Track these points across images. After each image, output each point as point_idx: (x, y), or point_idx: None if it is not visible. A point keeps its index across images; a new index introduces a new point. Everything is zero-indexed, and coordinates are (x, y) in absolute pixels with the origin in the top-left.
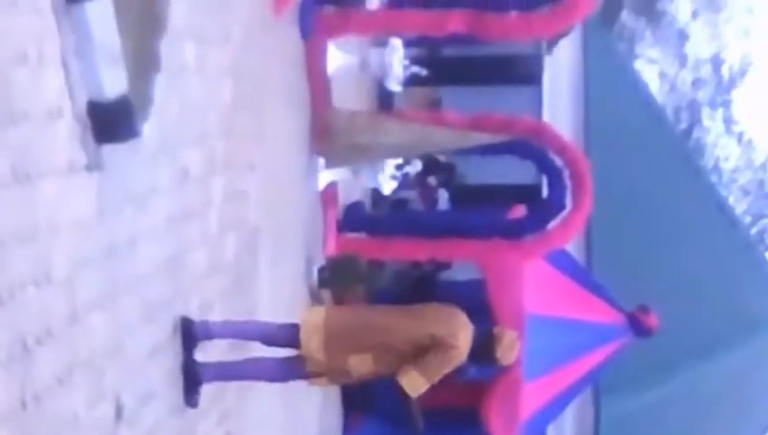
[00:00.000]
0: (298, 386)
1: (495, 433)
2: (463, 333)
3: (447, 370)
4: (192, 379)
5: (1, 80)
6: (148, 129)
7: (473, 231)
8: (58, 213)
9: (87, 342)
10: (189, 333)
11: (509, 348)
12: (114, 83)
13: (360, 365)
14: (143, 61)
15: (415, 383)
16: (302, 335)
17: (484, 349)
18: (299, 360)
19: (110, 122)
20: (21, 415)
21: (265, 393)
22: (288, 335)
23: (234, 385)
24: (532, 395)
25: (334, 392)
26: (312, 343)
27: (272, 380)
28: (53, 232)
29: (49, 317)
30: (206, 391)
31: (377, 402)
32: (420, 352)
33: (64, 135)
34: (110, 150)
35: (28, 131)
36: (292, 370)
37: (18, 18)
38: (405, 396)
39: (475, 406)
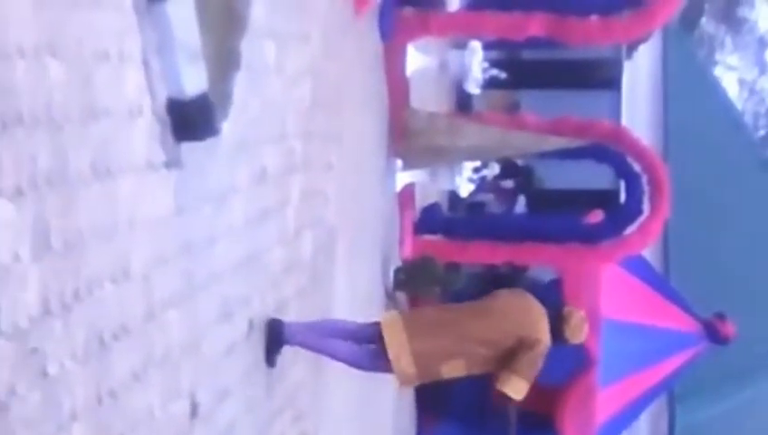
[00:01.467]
0: (373, 386)
1: None
2: (541, 323)
3: (540, 364)
4: (276, 338)
5: (83, 77)
6: (227, 127)
7: (550, 235)
8: (136, 210)
9: (163, 338)
10: (276, 335)
11: (578, 327)
12: (194, 82)
13: (453, 372)
14: (223, 59)
15: (517, 387)
16: (391, 356)
17: (553, 329)
18: (385, 355)
19: (190, 120)
20: (97, 411)
21: (341, 394)
22: (371, 332)
23: (311, 385)
24: (607, 401)
25: (408, 394)
26: (402, 362)
27: (354, 364)
28: (132, 229)
29: (126, 314)
30: (282, 390)
31: (452, 404)
32: (509, 352)
33: (144, 132)
34: (189, 148)
35: (108, 128)
36: (378, 363)
37: (100, 16)
38: (505, 401)
39: (549, 411)
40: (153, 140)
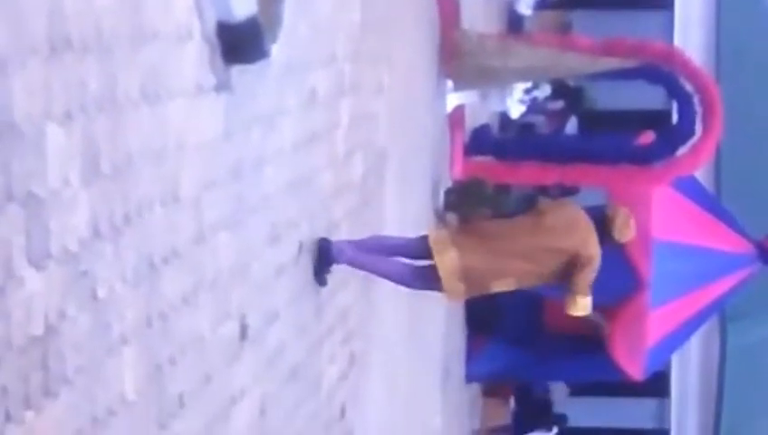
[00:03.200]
0: (423, 307)
1: (620, 359)
2: (591, 237)
3: (594, 275)
4: (325, 257)
5: (132, 2)
6: (276, 50)
7: (601, 156)
8: (186, 133)
9: (213, 262)
10: (325, 253)
11: (625, 225)
12: (244, 4)
13: (504, 287)
14: None
15: (582, 304)
16: (444, 282)
17: (601, 233)
18: (434, 272)
19: (239, 43)
20: (146, 333)
21: (390, 314)
22: (420, 247)
23: (360, 306)
24: (658, 322)
25: (458, 313)
26: (451, 277)
27: (403, 282)
28: (181, 152)
29: (176, 237)
30: (331, 312)
31: (502, 324)
32: (561, 268)
33: (193, 56)
34: (239, 72)
35: (157, 52)
36: (426, 280)
37: None
38: (558, 322)
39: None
40: (202, 64)
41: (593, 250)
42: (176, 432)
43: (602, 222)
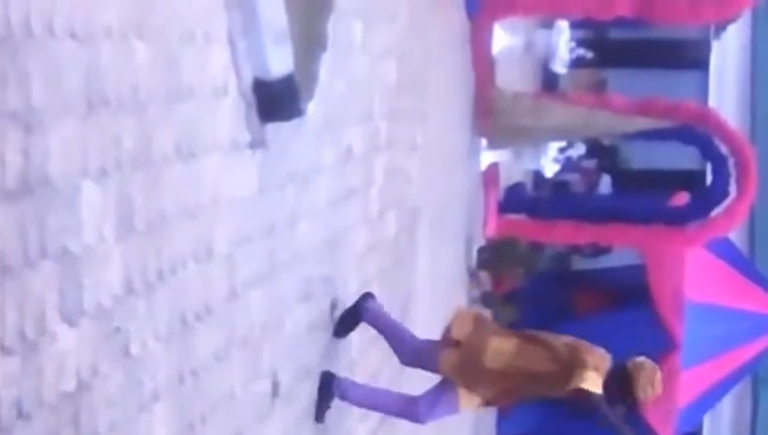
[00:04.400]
0: None
1: (652, 420)
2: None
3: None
4: (326, 391)
5: (169, 58)
6: (312, 107)
7: (634, 216)
8: (220, 190)
9: (245, 318)
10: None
11: (648, 383)
12: (280, 62)
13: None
14: (310, 40)
15: (592, 379)
16: (461, 405)
17: (621, 391)
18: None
19: (275, 101)
20: (179, 390)
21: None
22: (430, 362)
23: (390, 366)
24: (690, 383)
25: None
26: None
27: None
28: (215, 209)
29: (209, 293)
30: (362, 371)
31: None
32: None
33: (229, 113)
34: (274, 129)
35: (193, 109)
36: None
37: None
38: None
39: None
40: (238, 121)
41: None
42: None
43: (623, 378)
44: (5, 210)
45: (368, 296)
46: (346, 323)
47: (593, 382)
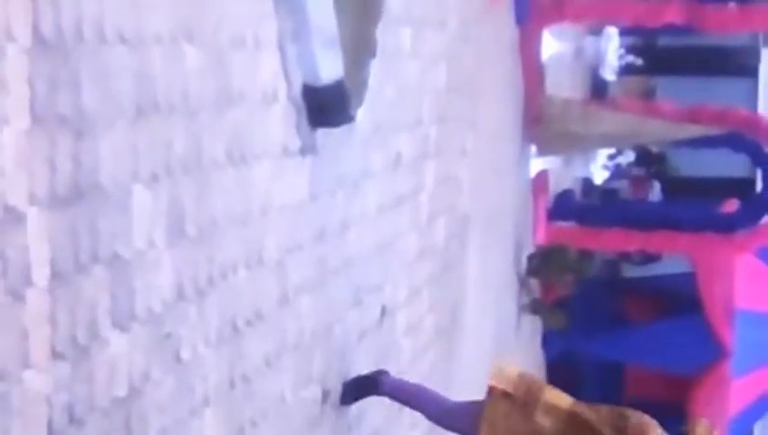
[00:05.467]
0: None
1: None
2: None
3: None
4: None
5: (219, 63)
6: (362, 113)
7: (684, 224)
8: (271, 196)
9: (296, 324)
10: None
11: None
12: (330, 68)
13: None
14: (359, 45)
15: None
16: None
17: None
18: None
19: (325, 107)
20: (229, 395)
21: (471, 379)
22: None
23: (440, 372)
24: (741, 392)
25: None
26: None
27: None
28: (266, 215)
29: (259, 299)
30: (413, 376)
31: (583, 390)
32: None
33: (279, 118)
34: (324, 134)
35: (243, 114)
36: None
37: (236, 2)
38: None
39: (680, 399)
40: (288, 126)
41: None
42: None
43: None
44: (57, 216)
45: (381, 372)
46: (356, 390)
47: None
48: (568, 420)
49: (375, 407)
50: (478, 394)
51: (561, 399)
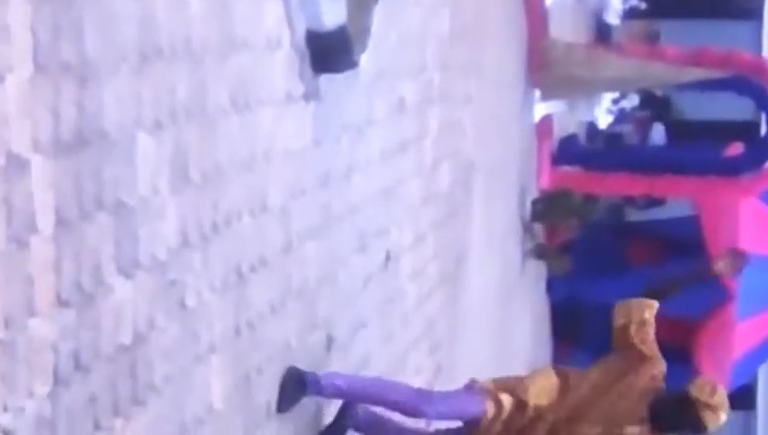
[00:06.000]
0: (509, 316)
1: (705, 372)
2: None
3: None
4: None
5: (222, 10)
6: (365, 59)
7: (688, 167)
8: (275, 142)
9: (300, 270)
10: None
11: (719, 404)
12: (333, 14)
13: None
14: None
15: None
16: None
17: (683, 420)
18: None
19: (328, 52)
20: (235, 342)
21: (477, 324)
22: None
23: (446, 317)
24: (745, 334)
25: (545, 325)
26: None
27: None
28: (270, 161)
29: (264, 246)
30: (418, 322)
31: (587, 333)
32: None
33: (282, 65)
34: (327, 80)
35: (247, 61)
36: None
37: None
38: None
39: (685, 344)
40: (291, 73)
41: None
42: None
43: (684, 404)
44: (61, 163)
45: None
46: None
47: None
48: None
49: (381, 351)
50: (482, 340)
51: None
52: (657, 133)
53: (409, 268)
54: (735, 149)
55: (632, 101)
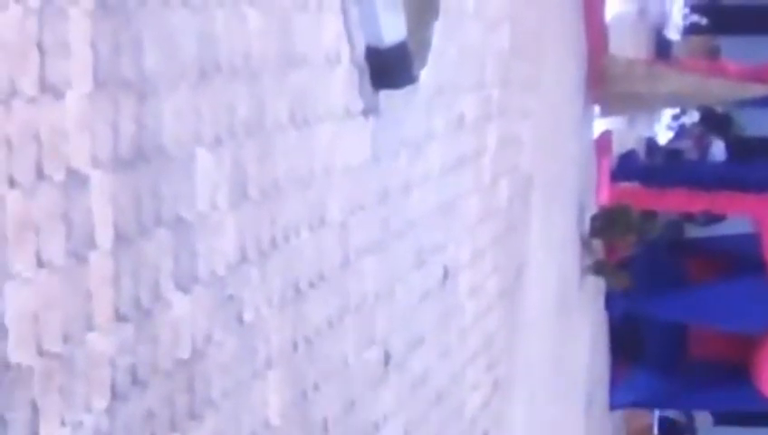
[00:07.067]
0: (568, 333)
1: (766, 389)
2: None
3: None
4: None
5: (282, 26)
6: (424, 75)
7: (749, 184)
8: (333, 158)
9: (358, 286)
10: None
11: None
12: (393, 29)
13: None
14: (422, 6)
15: None
16: None
17: None
18: None
19: (388, 68)
20: (292, 357)
21: (535, 341)
22: None
23: (504, 332)
24: None
25: (603, 340)
26: None
27: None
28: (328, 177)
29: (322, 261)
30: (476, 337)
31: (647, 352)
32: None
33: (342, 80)
34: (387, 96)
35: (306, 77)
36: None
37: None
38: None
39: (745, 360)
40: (351, 88)
41: None
42: None
43: None
44: (120, 178)
45: None
46: None
47: None
48: None
49: (439, 368)
50: (540, 356)
51: None
52: (717, 149)
53: (467, 284)
54: None
55: (692, 117)
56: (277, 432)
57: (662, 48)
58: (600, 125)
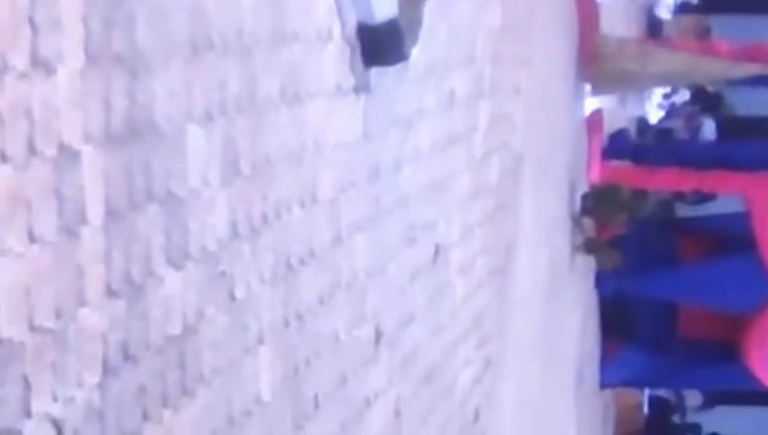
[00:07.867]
0: (558, 311)
1: (756, 368)
2: None
3: None
4: None
5: (274, 2)
6: (416, 52)
7: (739, 163)
8: (325, 135)
9: (349, 263)
10: None
11: None
12: (384, 6)
13: None
14: None
15: None
16: None
17: None
18: None
19: (379, 45)
20: (283, 333)
21: (526, 319)
22: None
23: (495, 310)
24: None
25: (593, 319)
26: None
27: None
28: (319, 153)
29: (313, 238)
30: (467, 315)
31: (637, 330)
32: None
33: (333, 57)
34: (378, 73)
35: (297, 53)
36: None
37: None
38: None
39: (734, 339)
40: (342, 65)
41: None
42: (310, 434)
43: None
44: (112, 154)
45: None
46: None
47: None
48: None
49: (430, 345)
50: (531, 334)
51: None
52: (708, 129)
53: (458, 262)
54: None
55: (683, 96)
56: (268, 408)
57: (653, 27)
58: (590, 104)
